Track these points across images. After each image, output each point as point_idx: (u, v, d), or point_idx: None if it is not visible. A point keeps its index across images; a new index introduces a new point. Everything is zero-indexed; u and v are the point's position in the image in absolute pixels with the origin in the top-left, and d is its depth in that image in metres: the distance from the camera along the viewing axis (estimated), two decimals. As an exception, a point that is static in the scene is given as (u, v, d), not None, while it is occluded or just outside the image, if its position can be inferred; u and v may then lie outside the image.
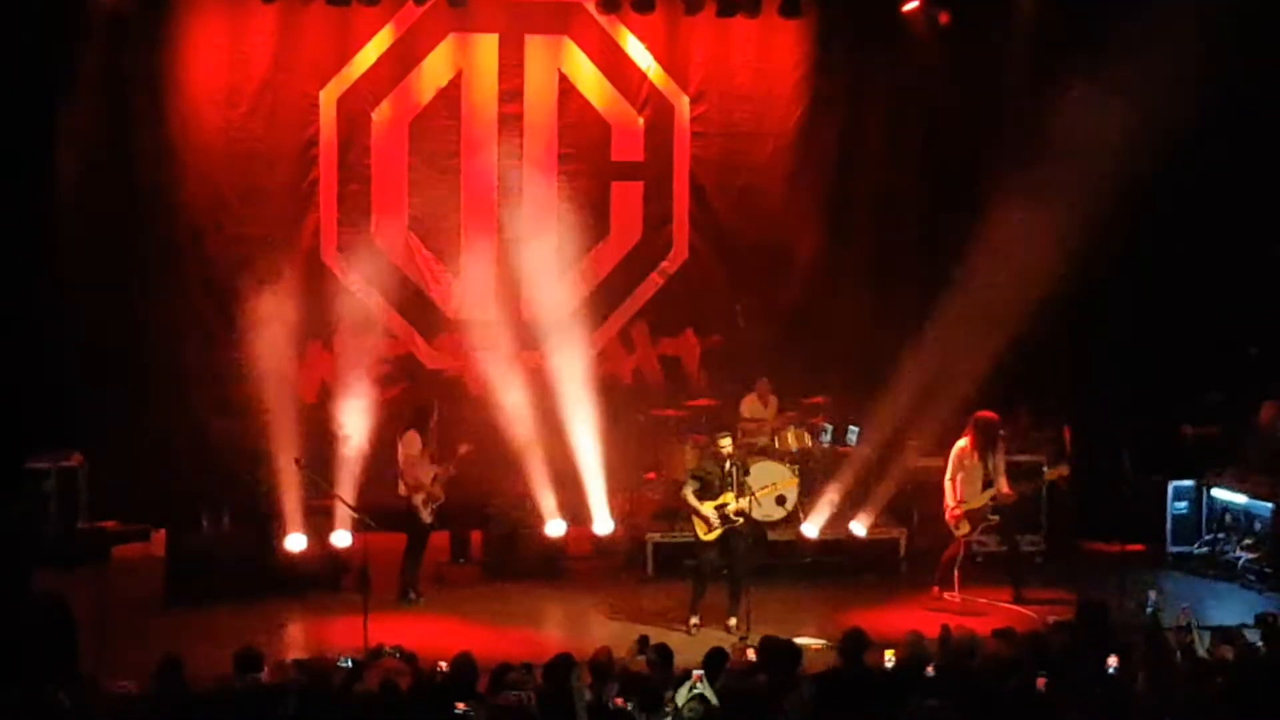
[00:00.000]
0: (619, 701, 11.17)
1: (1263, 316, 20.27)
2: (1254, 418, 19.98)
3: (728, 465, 16.89)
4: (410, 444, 18.21)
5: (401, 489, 18.24)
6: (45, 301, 19.57)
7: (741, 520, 16.85)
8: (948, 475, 18.00)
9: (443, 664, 12.71)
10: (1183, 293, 20.62)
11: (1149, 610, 14.51)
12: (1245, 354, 20.34)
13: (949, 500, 17.91)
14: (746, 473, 17.01)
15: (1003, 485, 17.90)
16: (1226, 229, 20.11)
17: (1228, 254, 20.15)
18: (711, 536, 16.85)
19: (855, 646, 12.57)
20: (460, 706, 11.21)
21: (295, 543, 18.05)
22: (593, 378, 20.95)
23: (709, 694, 11.68)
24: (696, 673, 11.93)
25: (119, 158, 20.06)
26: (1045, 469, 18.85)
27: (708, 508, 16.79)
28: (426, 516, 18.22)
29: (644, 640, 13.41)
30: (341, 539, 18.00)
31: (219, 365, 19.22)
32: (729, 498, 16.77)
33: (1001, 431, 18.34)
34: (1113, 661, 12.14)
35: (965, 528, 17.89)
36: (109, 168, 19.97)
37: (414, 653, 13.16)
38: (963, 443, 17.98)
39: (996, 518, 18.04)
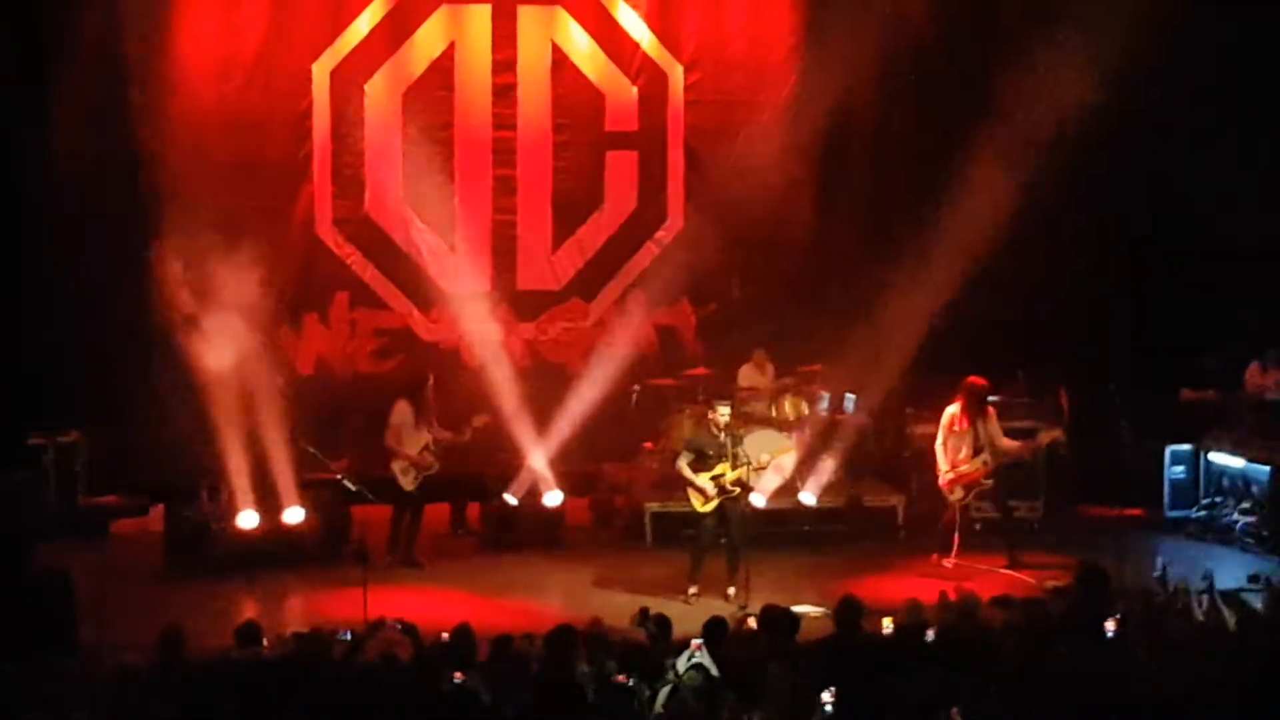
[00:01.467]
0: (620, 678, 11.16)
1: (1259, 280, 20.26)
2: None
3: (722, 436, 16.89)
4: (399, 413, 18.23)
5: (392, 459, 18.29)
6: (42, 277, 19.59)
7: (738, 491, 16.85)
8: (939, 441, 17.98)
9: (444, 634, 12.74)
10: (1181, 256, 20.66)
11: (1158, 575, 14.52)
12: (1240, 318, 20.33)
13: (941, 466, 17.92)
14: (739, 443, 16.99)
15: (1003, 443, 17.86)
16: (1223, 190, 20.11)
17: (1224, 215, 20.15)
18: (708, 508, 16.83)
19: (850, 614, 12.58)
20: (459, 676, 11.21)
21: (293, 516, 18.04)
22: (589, 348, 21.07)
23: (709, 663, 11.70)
24: (696, 642, 11.94)
25: (114, 132, 20.03)
26: (1039, 433, 18.82)
27: (703, 478, 16.77)
28: (407, 485, 18.22)
29: (644, 611, 13.43)
30: (293, 515, 17.99)
31: (216, 339, 19.17)
32: (724, 468, 16.76)
33: (993, 396, 18.35)
34: (1110, 626, 12.15)
35: (959, 493, 17.89)
36: (104, 142, 19.94)
37: (414, 625, 13.16)
38: (953, 408, 17.96)
39: (991, 482, 18.04)
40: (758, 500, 17.56)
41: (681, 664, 11.72)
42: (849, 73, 21.33)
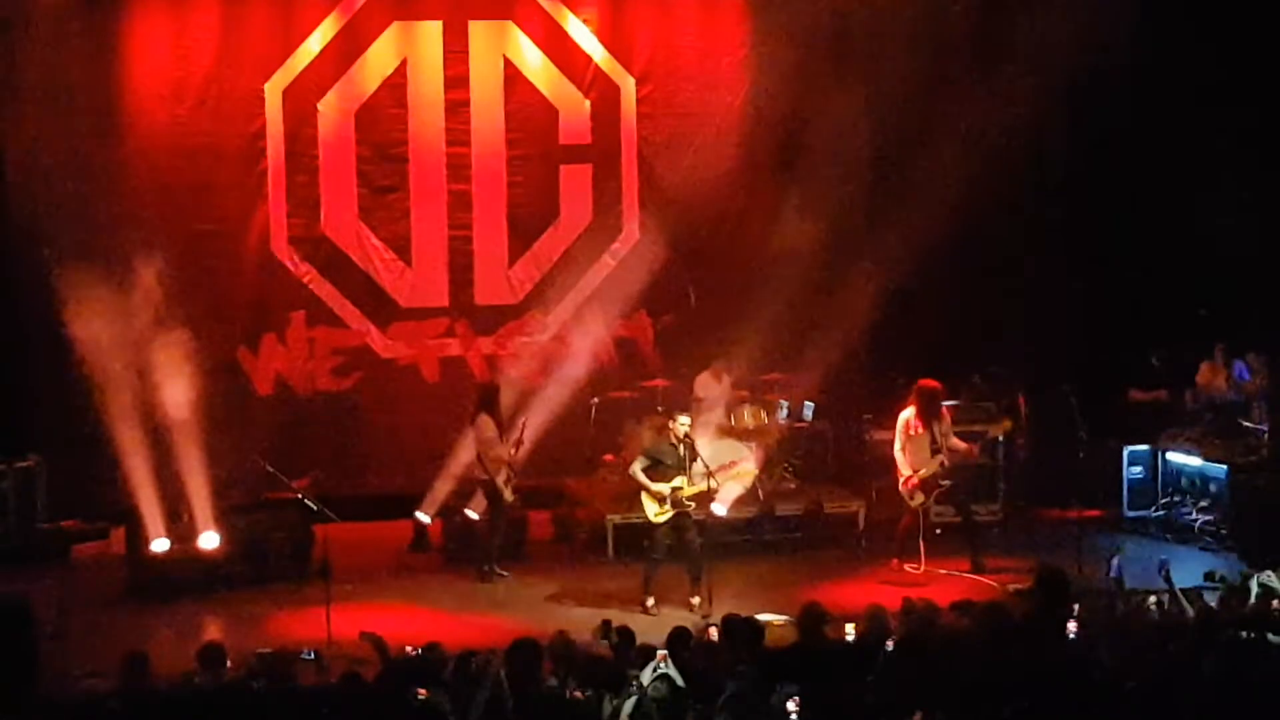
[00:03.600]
0: (579, 694, 11.18)
1: (1209, 274, 20.38)
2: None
3: (681, 449, 16.92)
4: (484, 427, 18.32)
5: (481, 471, 18.37)
6: (-3, 301, 19.55)
7: (693, 506, 16.88)
8: (896, 447, 18.06)
9: (409, 649, 12.74)
10: (1128, 254, 20.78)
11: (1113, 575, 14.60)
12: (1194, 314, 20.44)
13: (903, 471, 17.98)
14: (695, 459, 17.00)
15: (955, 443, 17.96)
16: (1170, 189, 20.26)
17: (1172, 214, 20.28)
18: (661, 517, 16.86)
19: (813, 621, 12.62)
20: (422, 693, 11.20)
21: (254, 535, 18.01)
22: (547, 361, 21.09)
23: (674, 674, 11.71)
24: (661, 653, 11.96)
25: (65, 155, 19.96)
26: (988, 429, 18.91)
27: (660, 485, 16.80)
28: (509, 495, 18.41)
29: (606, 624, 13.45)
30: (208, 540, 17.94)
31: (173, 361, 19.13)
32: (682, 481, 16.80)
33: (950, 401, 18.44)
34: (1072, 627, 12.20)
35: (919, 498, 17.96)
36: (56, 166, 19.89)
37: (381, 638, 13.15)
38: (907, 413, 18.03)
39: (949, 482, 18.12)
40: (719, 509, 17.61)
41: (646, 675, 11.73)
42: (801, 80, 21.42)
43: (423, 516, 19.09)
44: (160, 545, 17.78)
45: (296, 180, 21.30)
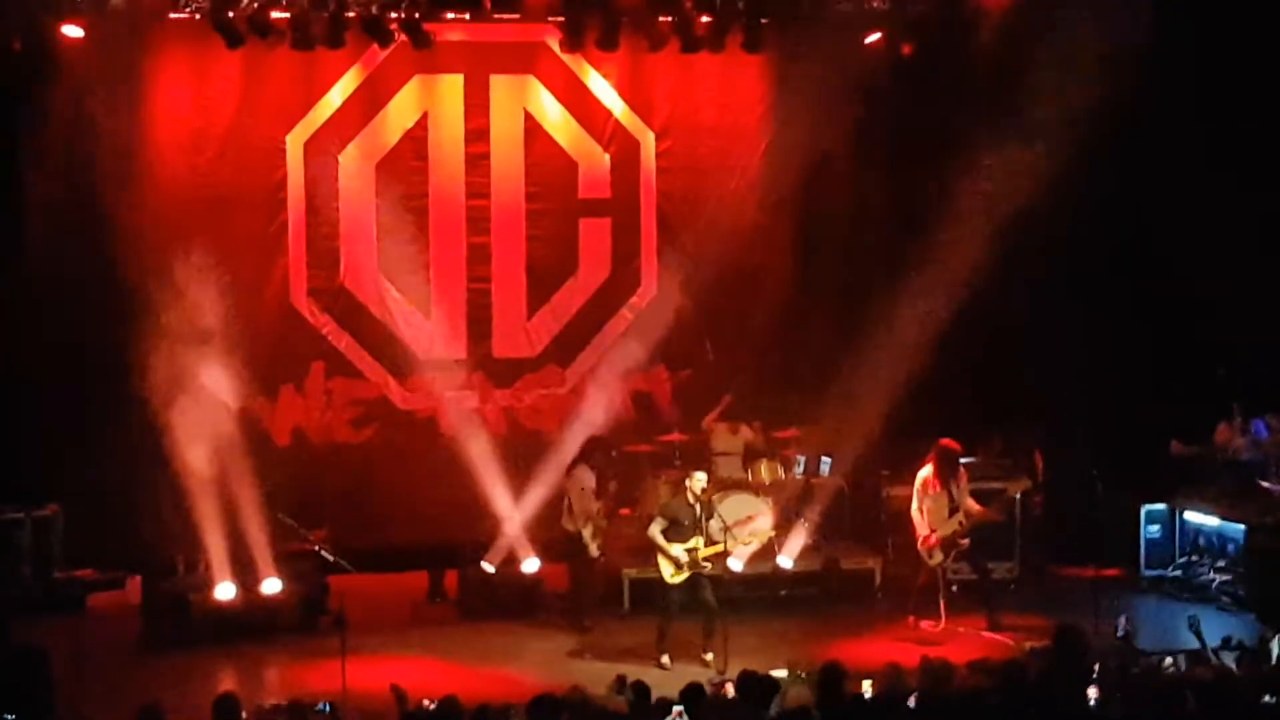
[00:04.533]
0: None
1: (1231, 335, 20.33)
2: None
3: (698, 508, 16.91)
4: (583, 478, 18.48)
5: (569, 523, 18.45)
6: (17, 352, 19.56)
7: (709, 566, 16.87)
8: (914, 507, 18.05)
9: (426, 702, 12.73)
10: (1150, 313, 20.76)
11: (1120, 635, 14.55)
12: (1213, 374, 20.39)
13: (921, 530, 17.96)
14: (711, 517, 17.00)
15: (970, 505, 17.95)
16: (1202, 246, 20.22)
17: (1201, 270, 20.23)
18: (678, 579, 16.85)
19: (832, 679, 12.59)
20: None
21: (270, 587, 18.03)
22: (565, 414, 21.10)
23: None
24: (677, 709, 11.93)
25: (86, 205, 19.97)
26: (1006, 489, 18.89)
27: (676, 548, 16.79)
28: (595, 550, 18.50)
29: (622, 679, 13.43)
30: (271, 586, 18.02)
31: (191, 411, 19.14)
32: (698, 542, 16.78)
33: (967, 459, 18.43)
34: (1093, 693, 12.14)
35: (938, 556, 17.93)
36: (77, 215, 19.91)
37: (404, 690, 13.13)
38: (925, 472, 18.03)
39: (967, 541, 18.10)
40: (735, 564, 17.59)
41: (663, 730, 11.72)
42: (821, 135, 21.46)
43: (487, 566, 19.04)
44: (226, 591, 17.85)
45: (317, 232, 21.37)
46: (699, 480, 17.02)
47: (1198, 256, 19.95)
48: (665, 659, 16.74)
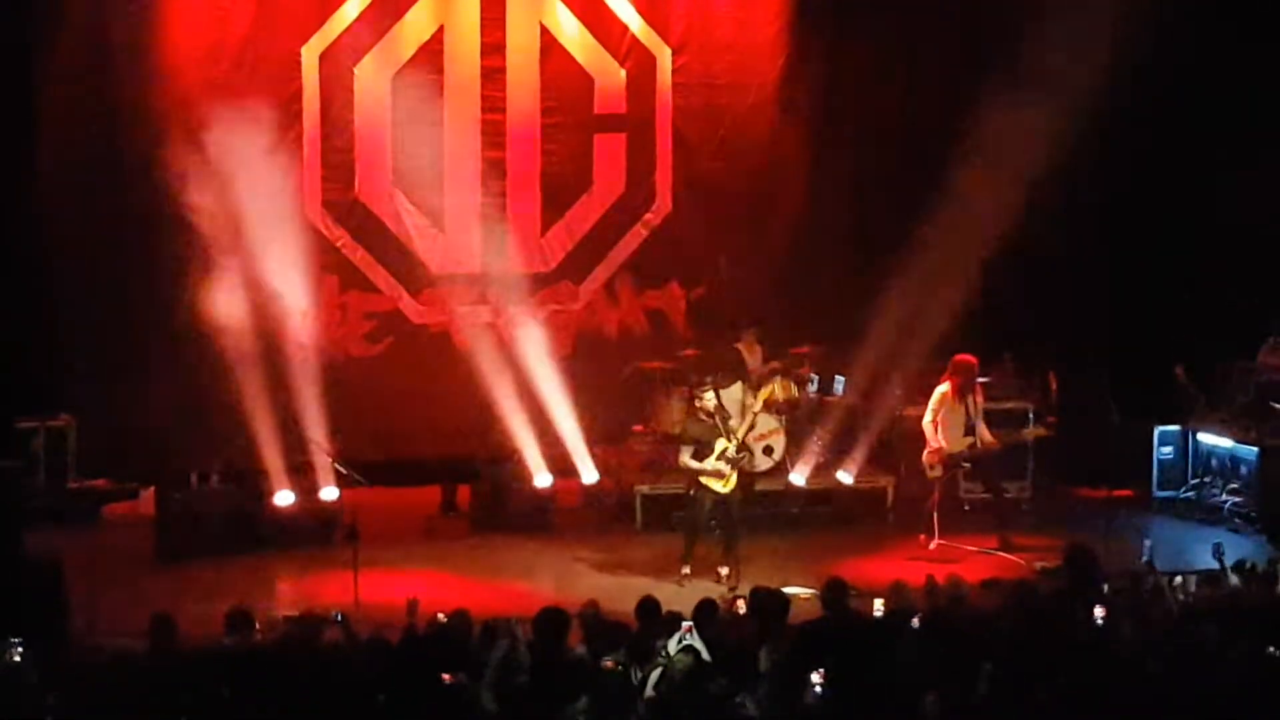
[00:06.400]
0: (609, 663, 11.19)
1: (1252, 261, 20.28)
2: (1237, 364, 20.05)
3: (715, 420, 16.95)
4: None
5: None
6: (31, 262, 19.56)
7: (745, 456, 16.93)
8: (927, 419, 18.06)
9: (438, 615, 12.79)
10: (1173, 236, 20.70)
11: (1145, 559, 14.56)
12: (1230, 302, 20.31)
13: (931, 443, 17.98)
14: (729, 416, 17.07)
15: (984, 433, 17.98)
16: (1209, 168, 20.15)
17: (1219, 196, 20.16)
18: (729, 487, 16.89)
19: (837, 595, 12.63)
20: (447, 678, 11.19)
21: (283, 498, 18.10)
22: (578, 331, 21.12)
23: (699, 645, 11.74)
24: (686, 624, 11.98)
25: (101, 117, 19.93)
26: (1029, 424, 18.91)
27: (711, 462, 16.82)
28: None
29: (591, 603, 13.26)
30: (329, 493, 18.10)
31: (205, 323, 19.15)
32: (723, 444, 16.81)
33: (981, 377, 18.42)
34: (1100, 613, 12.16)
35: (938, 471, 17.98)
36: (92, 128, 19.88)
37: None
38: (943, 387, 18.05)
39: (969, 465, 18.14)
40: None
41: (672, 646, 11.77)
42: (837, 52, 21.38)
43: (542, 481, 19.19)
44: (285, 498, 18.04)
45: (332, 144, 21.27)
46: (708, 398, 17.05)
47: (1223, 182, 19.89)
48: (686, 570, 16.80)
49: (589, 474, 19.31)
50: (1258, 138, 20.08)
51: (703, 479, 16.92)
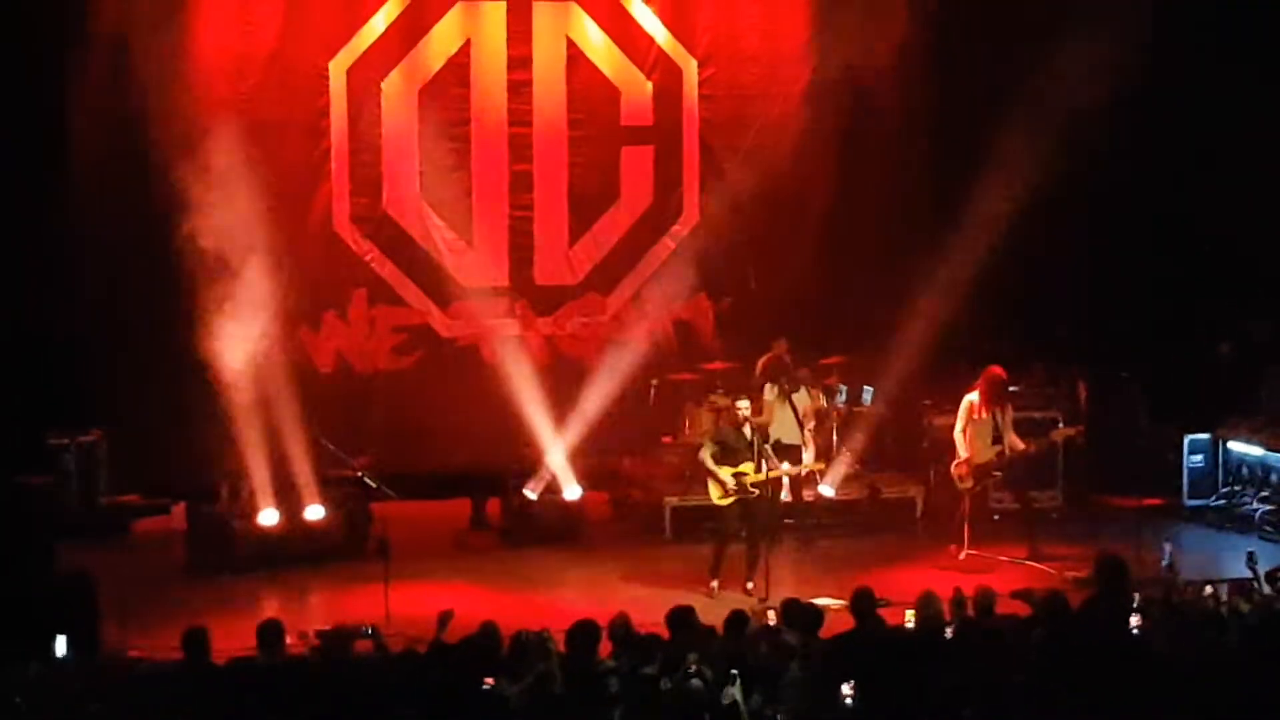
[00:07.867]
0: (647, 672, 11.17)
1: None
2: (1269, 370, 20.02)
3: (750, 434, 16.91)
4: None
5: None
6: (61, 277, 19.63)
7: (757, 493, 16.90)
8: (957, 429, 18.05)
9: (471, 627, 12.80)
10: (1203, 242, 20.64)
11: (1165, 564, 14.54)
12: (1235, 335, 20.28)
13: (960, 453, 17.96)
14: (766, 440, 17.03)
15: (1014, 440, 17.95)
16: (1236, 170, 20.11)
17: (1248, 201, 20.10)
18: (726, 501, 16.89)
19: (865, 606, 12.60)
20: (489, 681, 11.22)
21: (314, 513, 18.14)
22: (606, 343, 21.13)
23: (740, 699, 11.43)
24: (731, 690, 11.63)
25: (130, 131, 19.99)
26: (1059, 426, 18.87)
27: (725, 472, 16.81)
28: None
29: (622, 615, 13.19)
30: (314, 512, 18.14)
31: (235, 338, 19.18)
32: (749, 468, 16.79)
33: (1011, 387, 18.39)
34: (1135, 621, 12.14)
35: (969, 482, 17.95)
36: (121, 141, 19.92)
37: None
38: (972, 397, 18.02)
39: (999, 474, 18.12)
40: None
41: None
42: (865, 62, 21.36)
43: (530, 494, 19.10)
44: (270, 517, 18.00)
45: (359, 159, 21.34)
46: (743, 407, 17.02)
47: (1251, 187, 19.85)
48: (716, 583, 16.79)
49: (572, 491, 19.26)
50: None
51: (709, 480, 16.96)
